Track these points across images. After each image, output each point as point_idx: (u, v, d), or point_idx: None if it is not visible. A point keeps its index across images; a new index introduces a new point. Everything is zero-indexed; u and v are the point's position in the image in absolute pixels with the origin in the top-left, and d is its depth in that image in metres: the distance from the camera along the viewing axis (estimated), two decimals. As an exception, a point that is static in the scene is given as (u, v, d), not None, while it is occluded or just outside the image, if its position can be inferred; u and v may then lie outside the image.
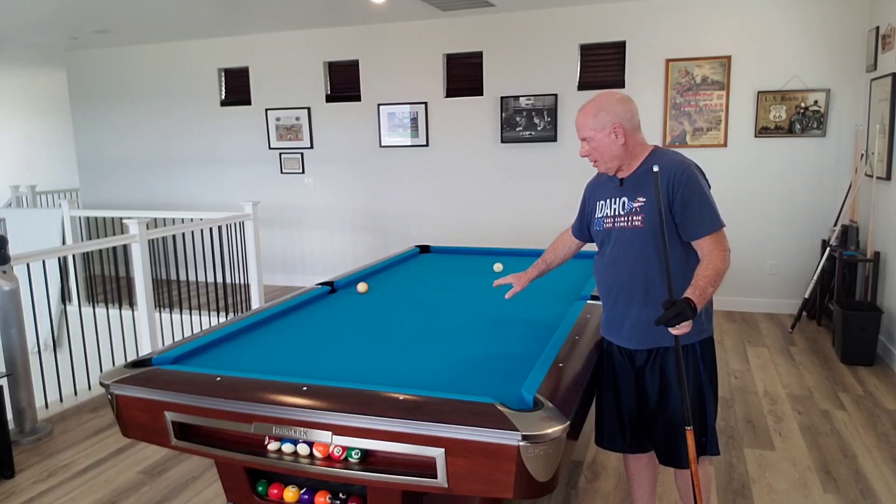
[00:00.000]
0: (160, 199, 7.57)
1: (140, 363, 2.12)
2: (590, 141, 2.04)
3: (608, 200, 2.13)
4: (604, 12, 5.68)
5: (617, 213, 2.09)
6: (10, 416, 3.30)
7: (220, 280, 6.00)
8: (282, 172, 6.97)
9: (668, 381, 2.09)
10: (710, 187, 2.06)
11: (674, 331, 1.85)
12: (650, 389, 2.12)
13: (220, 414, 1.85)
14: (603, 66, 5.83)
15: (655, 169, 1.91)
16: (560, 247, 2.47)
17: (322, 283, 3.19)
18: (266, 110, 6.89)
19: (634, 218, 2.04)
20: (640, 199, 2.04)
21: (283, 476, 1.99)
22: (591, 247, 2.35)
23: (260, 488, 2.01)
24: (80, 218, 6.50)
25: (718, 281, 1.92)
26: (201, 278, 7.34)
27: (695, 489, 1.97)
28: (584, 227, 2.32)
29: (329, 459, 1.77)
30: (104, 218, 7.01)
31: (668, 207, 1.98)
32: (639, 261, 2.04)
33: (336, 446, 1.75)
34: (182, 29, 6.50)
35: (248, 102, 6.99)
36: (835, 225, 5.10)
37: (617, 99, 2.04)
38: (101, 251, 5.44)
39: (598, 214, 2.17)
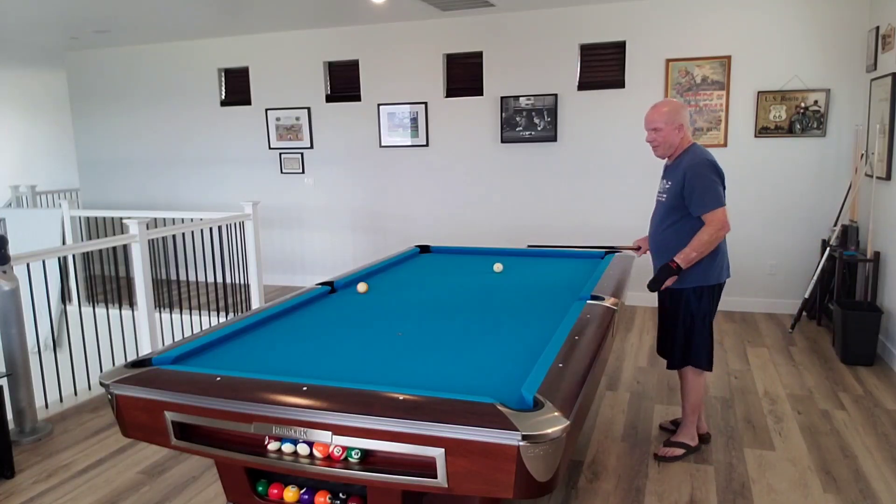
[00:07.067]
0: (160, 199, 7.57)
1: (140, 363, 2.12)
2: (659, 132, 2.86)
3: (662, 181, 3.02)
4: (604, 12, 5.68)
5: (661, 189, 3.01)
6: (10, 416, 3.30)
7: (220, 280, 6.00)
8: (282, 172, 6.97)
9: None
10: (720, 178, 2.82)
11: (667, 283, 2.90)
12: None
13: (220, 414, 1.85)
14: (603, 66, 5.82)
15: None
16: None
17: (322, 283, 3.19)
18: (266, 110, 6.89)
19: (662, 194, 2.98)
20: (668, 182, 2.94)
21: (283, 476, 1.99)
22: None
23: (260, 488, 2.01)
24: (80, 218, 6.51)
25: (702, 248, 2.78)
26: (201, 278, 7.34)
27: None
28: None
29: (329, 459, 1.77)
30: (104, 218, 7.00)
31: (681, 191, 2.83)
32: (660, 225, 3.00)
33: (336, 446, 1.75)
34: (182, 29, 6.50)
35: (248, 102, 6.99)
36: (835, 225, 5.10)
37: (682, 105, 2.90)
38: (101, 251, 5.43)
39: (658, 189, 3.07)
